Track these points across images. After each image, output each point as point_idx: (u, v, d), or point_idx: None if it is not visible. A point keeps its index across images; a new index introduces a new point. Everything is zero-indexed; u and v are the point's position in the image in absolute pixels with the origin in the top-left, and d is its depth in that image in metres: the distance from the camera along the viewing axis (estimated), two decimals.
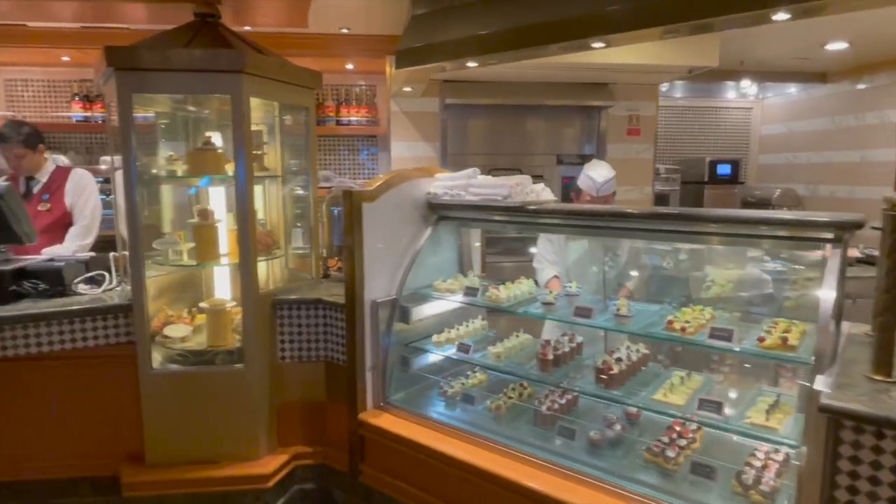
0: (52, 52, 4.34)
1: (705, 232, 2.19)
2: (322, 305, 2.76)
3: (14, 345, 2.43)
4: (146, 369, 2.58)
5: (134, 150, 2.46)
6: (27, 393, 2.63)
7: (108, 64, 2.35)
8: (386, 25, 4.04)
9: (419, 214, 2.80)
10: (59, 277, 2.70)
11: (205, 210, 2.77)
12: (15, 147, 3.20)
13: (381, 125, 4.87)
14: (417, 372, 2.76)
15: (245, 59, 2.43)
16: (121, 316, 2.61)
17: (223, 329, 2.79)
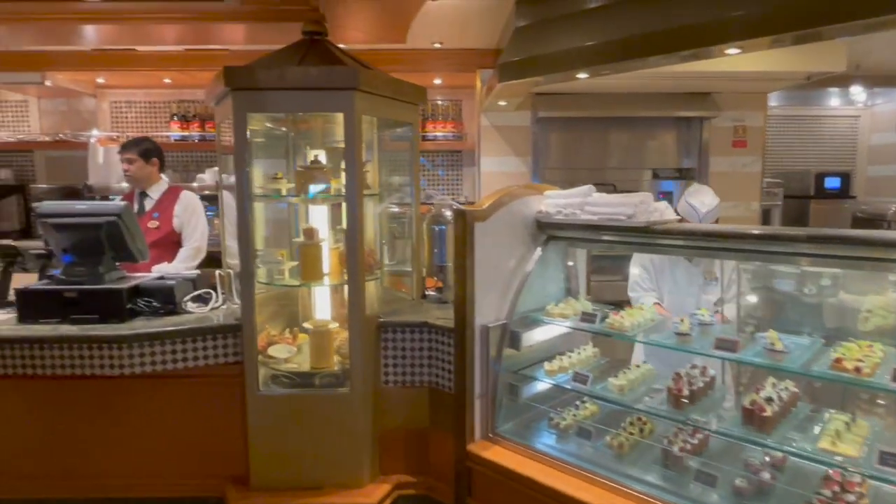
0: (155, 74, 4.52)
1: (855, 256, 1.93)
2: (428, 329, 2.66)
3: (130, 363, 2.45)
4: (253, 391, 2.55)
5: (248, 168, 2.44)
6: (137, 411, 2.65)
7: (225, 84, 2.35)
8: (480, 39, 3.96)
9: (528, 234, 2.65)
10: (170, 295, 2.72)
11: (311, 229, 2.73)
12: (130, 153, 3.31)
13: (467, 140, 4.78)
14: (525, 401, 2.61)
15: (359, 76, 2.38)
16: (229, 335, 2.59)
17: (326, 351, 2.73)
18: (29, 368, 2.45)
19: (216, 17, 2.99)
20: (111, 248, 2.69)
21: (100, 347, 2.43)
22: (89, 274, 2.63)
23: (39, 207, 2.65)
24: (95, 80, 4.69)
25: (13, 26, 3.34)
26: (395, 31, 3.10)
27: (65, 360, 2.45)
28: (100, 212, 2.65)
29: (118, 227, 2.65)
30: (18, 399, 2.61)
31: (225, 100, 2.56)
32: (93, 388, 2.59)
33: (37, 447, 2.65)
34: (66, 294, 2.57)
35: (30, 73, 4.25)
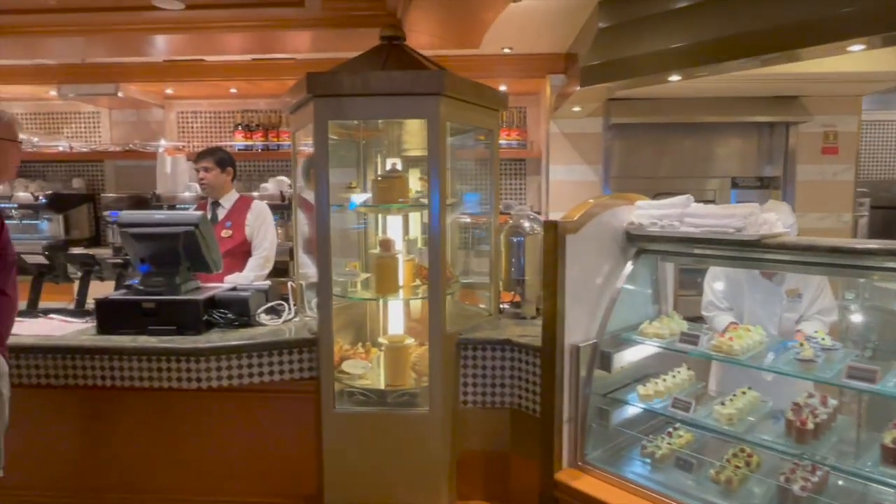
0: (222, 84, 4.55)
1: None
2: (511, 347, 2.51)
3: (208, 377, 2.40)
4: (329, 408, 2.45)
5: (328, 177, 2.36)
6: (206, 426, 2.59)
7: (308, 90, 2.28)
8: (551, 43, 3.82)
9: (617, 247, 2.48)
10: (245, 307, 2.66)
11: (387, 240, 2.63)
12: (206, 162, 3.32)
13: (532, 148, 4.63)
14: (615, 427, 2.43)
15: (444, 81, 2.27)
16: (305, 350, 2.51)
17: (402, 368, 2.62)
18: (108, 380, 2.42)
19: (294, 24, 2.96)
20: (187, 257, 2.66)
21: (178, 360, 2.39)
22: (167, 284, 2.60)
23: (119, 217, 2.64)
24: (164, 90, 4.77)
25: (87, 38, 3.39)
26: (472, 35, 3.00)
27: (143, 373, 2.41)
28: (177, 221, 2.62)
29: (195, 237, 2.61)
30: (89, 409, 2.58)
31: (304, 107, 2.50)
32: (162, 401, 2.54)
33: (103, 459, 2.62)
34: (145, 305, 2.54)
35: (104, 84, 4.34)
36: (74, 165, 5.14)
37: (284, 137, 4.77)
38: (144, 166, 5.06)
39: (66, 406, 2.55)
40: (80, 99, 4.63)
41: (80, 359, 2.42)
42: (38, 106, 5.15)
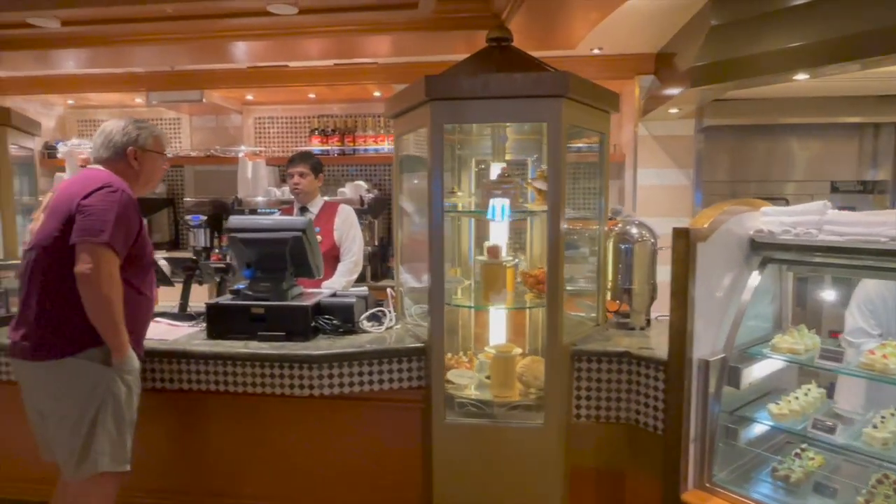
0: (301, 90, 4.58)
1: None
2: (628, 359, 2.40)
3: (320, 384, 2.37)
4: (440, 419, 2.39)
5: (442, 183, 2.31)
6: (309, 433, 2.56)
7: (426, 94, 2.23)
8: (643, 43, 3.69)
9: (741, 256, 2.35)
10: (350, 314, 2.63)
11: (495, 247, 2.56)
12: (301, 167, 3.32)
13: (615, 151, 4.49)
14: (741, 446, 2.29)
15: (569, 82, 2.18)
16: (413, 359, 2.46)
17: (510, 378, 2.54)
18: (222, 385, 2.43)
19: (402, 27, 2.92)
20: (292, 263, 2.65)
21: (290, 367, 2.37)
22: (274, 290, 2.59)
23: (229, 222, 2.65)
24: (245, 96, 4.83)
25: (172, 46, 3.45)
26: (574, 36, 2.91)
27: (255, 379, 2.40)
28: (286, 227, 2.61)
29: (302, 243, 2.60)
30: (201, 413, 2.60)
31: (414, 111, 2.45)
32: (272, 407, 2.53)
33: (211, 463, 2.63)
34: (254, 310, 2.54)
35: (190, 91, 4.42)
36: None
37: (360, 142, 4.77)
38: (222, 171, 5.14)
39: (179, 409, 2.57)
40: (165, 105, 4.74)
41: (195, 363, 2.43)
42: (123, 113, 5.30)
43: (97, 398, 2.07)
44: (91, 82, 4.48)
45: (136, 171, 2.30)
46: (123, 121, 2.34)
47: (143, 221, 2.23)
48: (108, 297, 2.03)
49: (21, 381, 2.17)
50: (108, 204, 2.08)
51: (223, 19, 2.87)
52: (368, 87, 4.48)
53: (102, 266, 2.02)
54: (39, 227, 2.15)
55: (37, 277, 2.11)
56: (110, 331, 2.06)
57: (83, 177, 2.22)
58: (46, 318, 2.08)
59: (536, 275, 2.66)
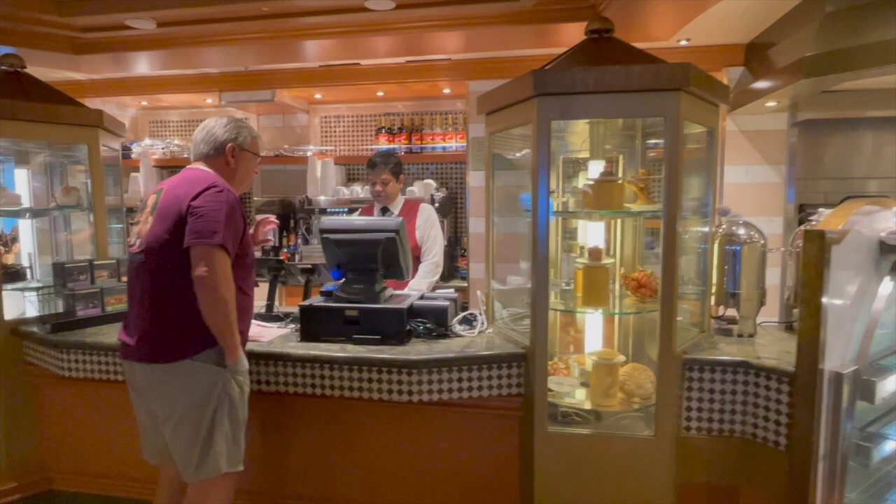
0: (370, 88, 4.54)
1: None
2: (745, 369, 2.25)
3: (419, 390, 2.30)
4: (542, 428, 2.29)
5: (548, 182, 2.21)
6: (402, 439, 2.51)
7: (535, 89, 2.13)
8: (732, 33, 3.50)
9: (871, 259, 2.17)
10: (443, 317, 2.56)
11: (597, 249, 2.44)
12: (383, 173, 3.26)
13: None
14: (874, 465, 2.12)
15: (690, 75, 2.05)
16: (514, 365, 2.37)
17: (612, 387, 2.42)
18: (318, 388, 2.39)
19: (497, 21, 2.82)
20: (384, 264, 2.59)
21: (389, 371, 2.31)
22: (367, 292, 2.54)
23: (321, 223, 2.61)
24: (314, 96, 4.83)
25: (247, 45, 3.44)
26: (672, 27, 2.76)
27: (353, 383, 2.35)
28: (379, 228, 2.55)
29: (395, 244, 2.54)
30: (298, 416, 2.57)
31: (514, 107, 2.36)
32: (367, 412, 2.49)
33: (303, 467, 2.61)
34: (348, 313, 2.50)
35: (262, 91, 4.44)
36: None
37: (428, 140, 4.71)
38: (289, 171, 5.17)
39: (275, 412, 2.54)
40: (234, 105, 4.78)
41: (293, 366, 2.40)
42: (192, 113, 5.39)
43: (214, 400, 2.06)
44: (166, 84, 4.55)
45: (232, 169, 2.29)
46: (225, 118, 2.33)
47: (245, 220, 2.20)
48: (225, 299, 2.01)
49: (135, 384, 2.16)
50: (217, 204, 2.06)
51: (311, 17, 2.83)
52: (439, 84, 4.40)
53: (218, 268, 2.00)
54: (149, 230, 2.12)
55: (148, 280, 2.10)
56: (225, 332, 2.04)
57: (187, 177, 2.19)
58: (161, 321, 2.07)
59: (638, 278, 2.53)
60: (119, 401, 2.71)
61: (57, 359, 2.66)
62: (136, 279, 2.15)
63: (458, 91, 4.51)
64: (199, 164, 2.27)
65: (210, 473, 2.06)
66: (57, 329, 2.71)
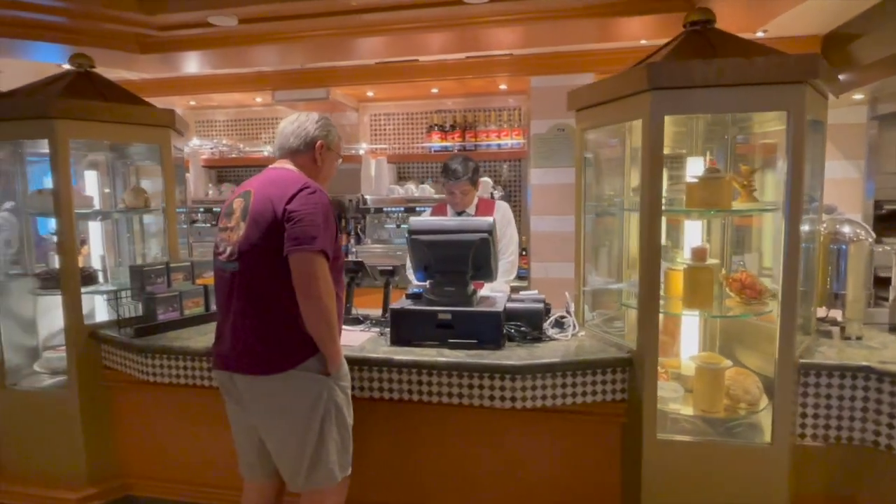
0: (425, 84, 4.46)
1: None
2: (866, 375, 2.15)
3: (522, 396, 2.23)
4: (651, 435, 2.21)
5: (661, 180, 2.12)
6: (513, 446, 2.44)
7: (648, 83, 2.04)
8: (809, 24, 3.38)
9: None
10: (538, 320, 2.49)
11: (702, 249, 2.35)
12: (464, 184, 3.17)
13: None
14: None
15: (817, 66, 1.95)
16: (618, 370, 2.28)
17: (717, 393, 2.33)
18: (415, 394, 2.32)
19: (583, 13, 2.74)
20: (473, 266, 2.51)
21: (492, 377, 2.24)
22: (459, 295, 2.46)
23: (410, 224, 2.54)
24: (366, 93, 4.76)
25: (292, 45, 3.38)
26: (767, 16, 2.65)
27: (453, 389, 2.28)
28: (471, 228, 2.48)
29: (488, 245, 2.46)
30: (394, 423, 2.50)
31: (616, 102, 2.27)
32: (465, 418, 2.41)
33: (400, 474, 2.54)
34: (441, 316, 2.42)
35: (316, 89, 4.38)
36: None
37: (482, 137, 4.63)
38: (339, 168, 5.10)
39: (369, 418, 2.48)
40: (285, 104, 4.72)
41: (388, 371, 2.33)
42: (239, 113, 5.35)
43: (321, 409, 2.00)
44: (219, 83, 4.51)
45: (318, 167, 2.21)
46: (315, 114, 2.24)
47: (336, 224, 2.13)
48: (328, 307, 1.94)
49: (235, 395, 2.09)
50: (313, 207, 1.98)
51: (410, 10, 2.75)
52: (496, 81, 4.32)
53: (320, 274, 1.93)
54: (242, 237, 2.02)
55: (245, 289, 2.01)
56: (328, 340, 1.97)
57: (276, 178, 2.09)
58: (263, 331, 1.98)
59: (741, 279, 2.43)
60: (202, 406, 2.68)
61: (141, 363, 2.62)
62: (229, 288, 2.05)
63: (516, 87, 4.43)
64: (286, 163, 2.18)
65: (323, 482, 2.00)
66: (140, 333, 2.66)
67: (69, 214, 2.74)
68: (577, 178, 2.65)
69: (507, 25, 3.32)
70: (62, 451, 2.84)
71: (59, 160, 2.69)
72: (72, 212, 2.75)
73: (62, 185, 2.71)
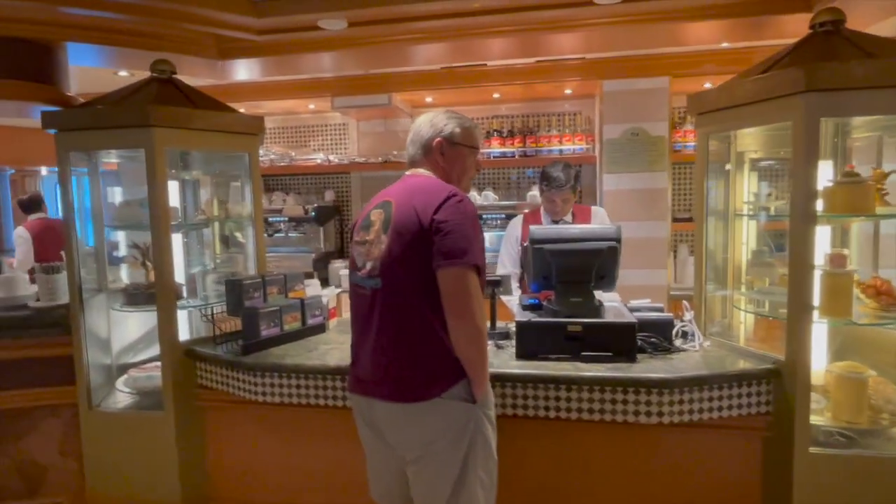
0: (484, 90, 4.39)
1: None
2: None
3: (670, 411, 2.13)
4: (803, 451, 2.12)
5: (815, 186, 2.05)
6: (654, 463, 2.32)
7: (806, 85, 1.97)
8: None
9: None
10: (668, 331, 2.41)
11: (840, 255, 2.28)
12: (566, 192, 3.09)
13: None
14: None
15: None
16: (763, 382, 2.20)
17: (860, 403, 2.25)
18: (552, 410, 2.22)
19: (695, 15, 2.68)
20: (597, 275, 2.43)
21: (636, 391, 2.15)
22: (587, 306, 2.38)
23: (532, 233, 2.45)
24: (425, 99, 4.68)
25: (350, 52, 3.30)
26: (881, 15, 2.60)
27: (593, 405, 2.18)
28: (598, 236, 2.40)
29: (616, 253, 2.38)
30: (528, 441, 2.38)
31: (757, 105, 2.20)
32: (579, 433, 2.31)
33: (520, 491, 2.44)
34: (570, 328, 2.33)
35: (378, 95, 4.29)
36: (324, 177, 5.18)
37: (544, 143, 4.55)
38: (390, 177, 5.00)
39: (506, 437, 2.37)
40: (342, 110, 4.63)
41: (522, 387, 2.23)
42: (286, 120, 5.24)
43: (466, 439, 1.85)
44: (275, 89, 4.41)
45: (443, 168, 2.03)
46: (433, 112, 2.10)
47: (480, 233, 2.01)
48: (480, 328, 1.81)
49: (372, 422, 1.97)
50: (463, 217, 1.83)
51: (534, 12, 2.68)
52: (561, 85, 4.25)
53: (474, 293, 1.80)
54: (385, 251, 1.87)
55: (387, 308, 1.87)
56: (479, 365, 1.84)
57: (416, 186, 1.96)
58: (409, 354, 1.85)
59: (876, 285, 2.37)
60: (311, 425, 2.57)
61: (249, 382, 2.50)
62: (369, 306, 1.91)
63: (582, 91, 4.36)
64: (419, 170, 2.05)
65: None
66: (246, 351, 2.55)
67: (166, 227, 2.62)
68: (701, 183, 2.57)
69: (574, 31, 3.29)
70: (154, 476, 2.71)
71: (156, 170, 2.58)
72: (168, 224, 2.63)
73: (159, 197, 2.60)
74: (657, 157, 3.96)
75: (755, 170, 2.76)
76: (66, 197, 2.75)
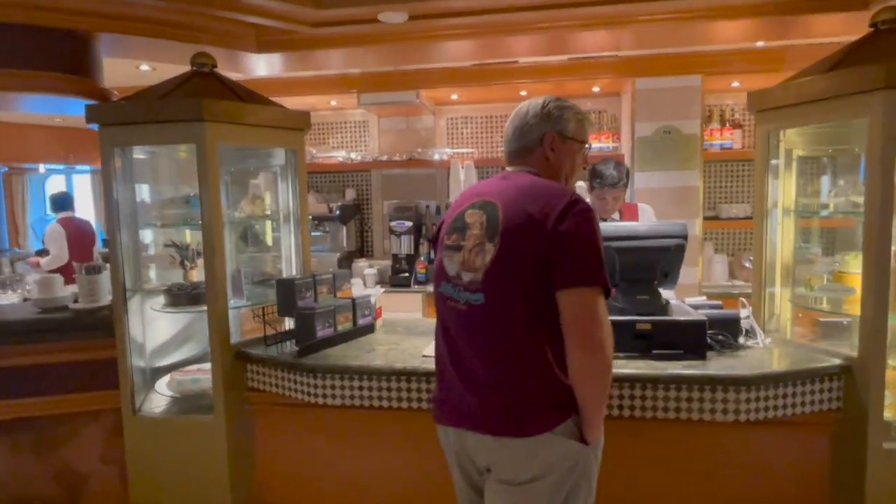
0: (511, 87, 4.36)
1: None
2: None
3: (747, 409, 2.13)
4: (877, 446, 2.13)
5: (892, 180, 2.05)
6: (723, 461, 2.31)
7: (886, 82, 1.98)
8: None
9: None
10: (736, 328, 2.40)
11: None
12: (619, 190, 3.06)
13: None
14: None
15: None
16: (835, 379, 2.21)
17: None
18: (626, 409, 2.20)
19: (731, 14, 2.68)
20: (662, 272, 2.42)
21: (713, 389, 2.13)
22: (654, 303, 2.36)
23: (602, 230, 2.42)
24: (450, 96, 4.63)
25: (382, 47, 3.26)
26: None
27: (669, 403, 2.17)
28: (665, 233, 2.38)
29: (682, 251, 2.37)
30: None
31: (815, 103, 2.21)
32: (678, 433, 2.28)
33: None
34: (639, 326, 2.31)
35: (405, 91, 4.23)
36: (345, 175, 5.10)
37: None
38: (411, 175, 4.97)
39: None
40: (366, 107, 4.56)
41: None
42: None
43: (570, 481, 1.65)
44: (304, 84, 4.32)
45: (552, 165, 1.78)
46: (542, 99, 1.83)
47: None
48: (607, 362, 1.58)
49: (456, 454, 1.80)
50: (590, 226, 1.59)
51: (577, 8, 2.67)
52: (592, 83, 4.24)
53: (603, 320, 1.56)
54: (491, 261, 1.62)
55: (491, 326, 1.64)
56: (598, 403, 1.63)
57: (526, 186, 1.69)
58: (517, 383, 1.62)
59: None
60: (369, 429, 2.50)
61: (307, 384, 2.43)
62: (466, 323, 1.68)
63: (611, 89, 4.35)
64: (521, 167, 1.81)
65: None
66: (302, 352, 2.48)
67: (218, 225, 2.54)
68: (762, 182, 2.56)
69: (612, 28, 3.28)
70: (203, 483, 2.62)
71: (208, 167, 2.49)
72: (220, 222, 2.55)
73: (211, 194, 2.51)
74: (689, 154, 3.97)
75: (804, 167, 2.78)
76: (108, 195, 2.66)
